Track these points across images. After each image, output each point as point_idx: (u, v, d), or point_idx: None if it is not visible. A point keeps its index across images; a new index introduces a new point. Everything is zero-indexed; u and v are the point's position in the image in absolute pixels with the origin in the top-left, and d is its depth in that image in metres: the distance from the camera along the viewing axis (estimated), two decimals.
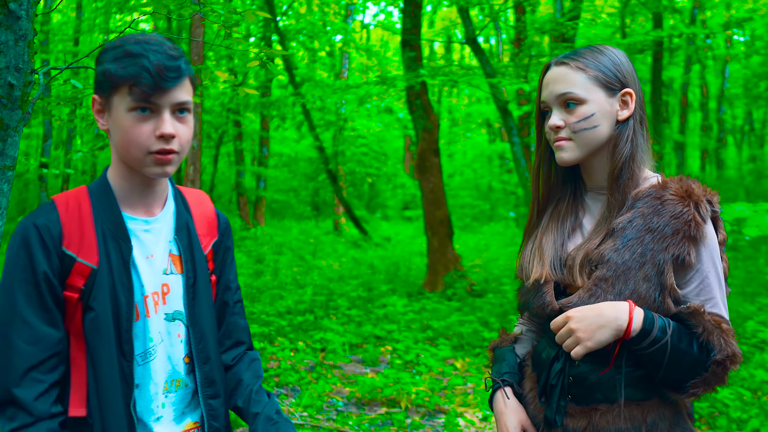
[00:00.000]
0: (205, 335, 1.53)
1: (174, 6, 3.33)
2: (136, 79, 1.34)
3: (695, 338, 1.42)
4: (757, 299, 7.36)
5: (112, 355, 1.39)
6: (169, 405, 1.49)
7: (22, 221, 1.40)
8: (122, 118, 1.37)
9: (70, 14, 17.93)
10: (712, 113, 22.59)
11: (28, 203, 17.94)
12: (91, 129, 4.33)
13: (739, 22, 12.97)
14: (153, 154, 1.38)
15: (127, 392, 1.41)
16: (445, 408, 4.66)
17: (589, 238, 1.55)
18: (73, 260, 1.38)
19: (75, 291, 1.38)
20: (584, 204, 1.64)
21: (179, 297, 1.51)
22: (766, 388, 4.52)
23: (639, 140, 1.54)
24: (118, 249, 1.42)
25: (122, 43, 1.39)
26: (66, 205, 1.43)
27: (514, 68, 9.42)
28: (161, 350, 1.48)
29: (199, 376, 1.52)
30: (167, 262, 1.50)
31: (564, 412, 1.52)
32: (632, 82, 1.55)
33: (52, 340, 1.36)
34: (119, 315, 1.40)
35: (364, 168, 20.60)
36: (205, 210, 1.62)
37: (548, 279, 1.57)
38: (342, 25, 17.42)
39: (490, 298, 8.08)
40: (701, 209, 1.45)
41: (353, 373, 5.54)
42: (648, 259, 1.44)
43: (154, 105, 1.36)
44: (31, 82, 2.22)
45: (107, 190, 1.46)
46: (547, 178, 1.66)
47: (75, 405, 1.38)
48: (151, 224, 1.49)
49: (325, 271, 10.37)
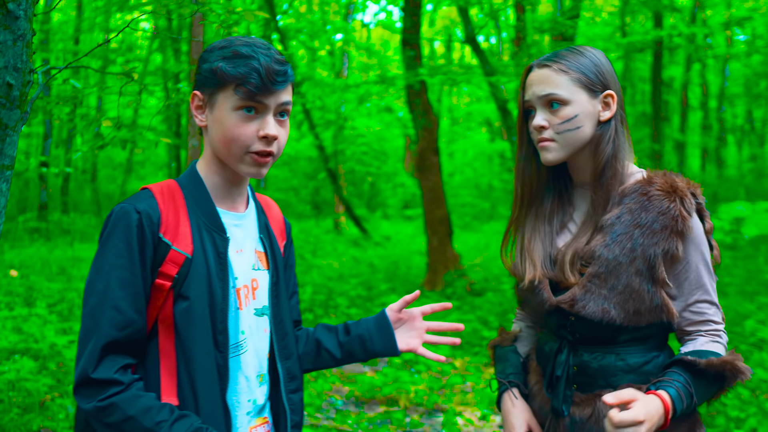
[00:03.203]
0: (287, 331, 1.58)
1: (174, 5, 3.33)
2: (245, 79, 1.38)
3: (710, 378, 1.47)
4: (757, 298, 7.36)
5: (208, 346, 1.40)
6: (253, 399, 1.51)
7: (120, 206, 1.40)
8: (226, 116, 1.41)
9: (71, 13, 17.93)
10: (712, 112, 22.58)
11: (29, 202, 17.94)
12: (91, 128, 4.33)
13: (740, 21, 12.96)
14: (252, 153, 1.43)
15: (222, 383, 1.42)
16: (443, 407, 4.67)
17: (576, 235, 1.60)
18: (168, 248, 1.39)
19: (167, 279, 1.39)
20: (573, 200, 1.67)
21: (266, 293, 1.55)
22: (764, 387, 4.53)
23: (621, 139, 1.59)
24: (212, 241, 1.44)
25: (229, 44, 1.44)
26: (161, 193, 1.45)
27: (513, 67, 9.41)
28: (251, 344, 1.50)
29: (282, 370, 1.55)
30: (254, 258, 1.54)
31: (570, 401, 1.58)
32: (613, 83, 1.59)
33: (137, 327, 1.37)
34: (214, 305, 1.42)
35: (364, 167, 20.60)
36: (276, 213, 1.67)
37: (542, 277, 1.61)
38: (342, 24, 17.41)
39: (490, 297, 8.09)
40: (686, 203, 1.51)
41: (352, 371, 5.55)
42: (639, 254, 1.50)
43: (261, 105, 1.41)
44: (30, 81, 2.22)
45: (199, 184, 1.49)
46: (530, 177, 1.69)
47: (167, 394, 1.39)
48: (241, 219, 1.53)
49: (324, 270, 10.38)
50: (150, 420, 1.31)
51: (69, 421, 3.88)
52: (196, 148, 11.88)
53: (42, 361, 4.94)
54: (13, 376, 4.35)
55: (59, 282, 8.19)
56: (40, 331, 5.54)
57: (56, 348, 5.15)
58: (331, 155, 15.16)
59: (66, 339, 5.35)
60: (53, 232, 14.48)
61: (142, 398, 1.33)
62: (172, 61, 15.34)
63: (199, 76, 1.47)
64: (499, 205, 22.42)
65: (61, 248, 12.01)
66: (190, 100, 1.48)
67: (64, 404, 4.06)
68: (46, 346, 5.16)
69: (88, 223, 16.66)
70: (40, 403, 4.13)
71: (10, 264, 9.57)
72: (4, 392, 4.19)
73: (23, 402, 4.11)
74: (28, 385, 4.23)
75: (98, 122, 4.14)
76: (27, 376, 4.36)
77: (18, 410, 3.98)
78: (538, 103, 1.59)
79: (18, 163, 19.23)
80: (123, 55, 15.01)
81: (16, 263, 9.70)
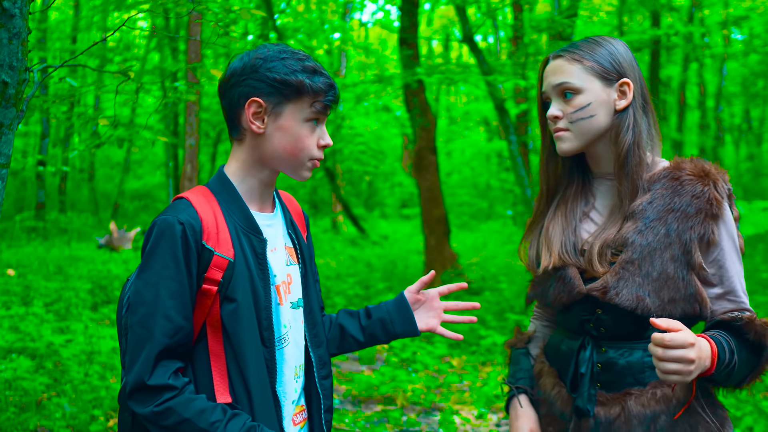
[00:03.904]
0: (316, 320, 1.66)
1: (171, 4, 3.32)
2: (324, 94, 1.50)
3: (750, 343, 1.45)
4: (754, 297, 7.37)
5: (257, 343, 1.47)
6: (294, 388, 1.58)
7: (162, 218, 1.44)
8: (297, 126, 1.50)
9: (68, 12, 17.91)
10: (709, 111, 22.61)
11: (26, 201, 17.93)
12: (88, 126, 4.33)
13: (737, 20, 12.98)
14: (312, 160, 1.54)
15: (271, 377, 1.50)
16: (441, 406, 4.67)
17: (604, 226, 1.56)
18: (212, 254, 1.45)
19: (213, 284, 1.45)
20: (593, 190, 1.64)
21: (299, 286, 1.63)
22: (760, 386, 4.54)
23: (642, 127, 1.55)
24: (250, 243, 1.51)
25: (289, 54, 1.50)
26: (198, 202, 1.49)
27: (511, 66, 9.42)
28: (292, 337, 1.58)
29: (315, 358, 1.62)
30: (286, 254, 1.61)
31: (595, 401, 1.53)
32: (630, 71, 1.56)
33: (186, 332, 1.42)
34: (258, 304, 1.48)
35: (362, 166, 20.61)
36: (296, 207, 1.74)
37: (565, 263, 1.57)
38: (340, 23, 17.41)
39: (487, 296, 8.09)
40: (719, 187, 1.48)
41: (349, 370, 5.55)
42: (674, 239, 1.46)
43: (323, 117, 1.53)
44: (26, 80, 2.22)
45: (231, 188, 1.55)
46: (554, 170, 1.67)
47: (220, 393, 1.44)
48: (271, 219, 1.61)
49: (322, 269, 10.38)
50: (205, 421, 1.38)
51: (65, 420, 3.88)
52: (194, 147, 11.87)
53: (39, 360, 4.93)
54: (10, 375, 4.34)
55: (56, 281, 8.18)
56: (36, 330, 5.54)
57: (53, 347, 5.14)
58: (328, 154, 15.17)
59: (63, 338, 5.35)
60: (50, 231, 14.47)
61: (196, 401, 1.39)
62: (170, 60, 15.33)
63: (261, 84, 1.48)
64: (496, 204, 22.45)
65: (59, 247, 12.00)
66: (246, 105, 1.50)
67: (61, 403, 4.05)
68: (43, 345, 5.16)
69: (86, 222, 16.66)
70: (37, 402, 4.12)
71: (8, 263, 9.56)
72: (1, 391, 4.18)
73: (20, 401, 4.11)
74: (25, 384, 4.23)
75: (95, 121, 4.14)
76: (24, 375, 4.36)
77: (15, 409, 3.97)
78: (552, 94, 1.58)
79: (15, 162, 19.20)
80: (120, 54, 14.99)
81: (13, 262, 9.69)
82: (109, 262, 10.17)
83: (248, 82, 1.49)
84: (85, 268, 9.38)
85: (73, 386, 4.35)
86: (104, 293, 7.86)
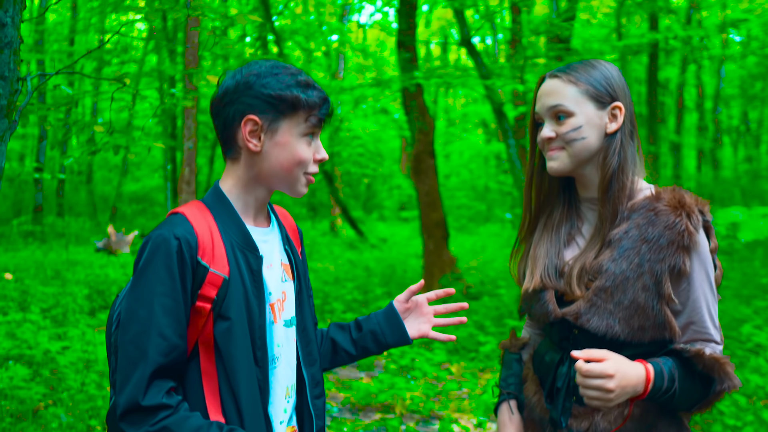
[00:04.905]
0: (310, 338, 1.64)
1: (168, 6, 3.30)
2: (319, 108, 1.49)
3: (697, 375, 1.50)
4: (753, 302, 7.35)
5: (249, 363, 1.44)
6: (285, 408, 1.55)
7: (157, 233, 1.41)
8: (293, 142, 1.49)
9: (66, 14, 17.88)
10: (708, 113, 22.63)
11: (24, 205, 17.87)
12: (85, 132, 4.30)
13: (735, 23, 12.97)
14: (307, 174, 1.54)
15: (263, 398, 1.47)
16: (440, 414, 4.64)
17: (584, 250, 1.61)
18: (207, 270, 1.42)
19: (207, 301, 1.42)
20: (581, 213, 1.68)
21: (293, 303, 1.60)
22: (761, 393, 4.51)
23: (628, 152, 1.59)
24: (246, 260, 1.48)
25: (282, 70, 1.49)
26: (194, 217, 1.47)
27: (509, 69, 9.39)
28: (284, 356, 1.55)
29: (307, 377, 1.60)
30: (281, 270, 1.58)
31: (569, 413, 1.59)
32: (623, 96, 1.60)
33: (180, 350, 1.39)
34: (252, 323, 1.46)
35: (361, 169, 20.59)
36: (290, 222, 1.72)
37: (545, 287, 1.63)
38: (338, 25, 17.39)
39: (486, 301, 8.06)
40: (693, 219, 1.51)
41: (348, 378, 5.52)
42: (646, 270, 1.50)
43: (318, 131, 1.53)
44: (18, 90, 2.18)
45: (226, 204, 1.52)
46: (539, 188, 1.71)
47: (213, 413, 1.42)
48: (267, 235, 1.58)
49: (320, 274, 10.34)
50: None
51: (62, 430, 3.85)
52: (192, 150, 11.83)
53: (36, 368, 4.90)
54: (6, 384, 4.31)
55: (54, 286, 8.15)
56: (33, 338, 5.50)
57: (50, 354, 5.11)
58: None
59: (59, 345, 5.31)
60: (48, 235, 14.42)
61: (191, 418, 1.37)
62: (168, 63, 15.29)
63: (256, 101, 1.46)
64: (495, 206, 22.42)
65: (56, 251, 11.95)
66: (242, 124, 1.47)
67: (57, 413, 4.01)
68: (40, 352, 5.12)
69: (83, 226, 16.61)
70: (34, 412, 4.09)
71: (5, 267, 9.52)
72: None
73: (16, 410, 4.08)
74: (22, 393, 4.19)
75: (91, 127, 4.11)
76: (20, 384, 4.32)
77: (11, 419, 3.94)
78: (546, 115, 1.61)
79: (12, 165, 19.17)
80: (118, 56, 14.97)
81: (10, 267, 9.65)
82: (107, 266, 10.13)
83: (243, 100, 1.47)
84: (82, 272, 9.34)
85: (70, 395, 4.32)
86: (102, 298, 7.82)
